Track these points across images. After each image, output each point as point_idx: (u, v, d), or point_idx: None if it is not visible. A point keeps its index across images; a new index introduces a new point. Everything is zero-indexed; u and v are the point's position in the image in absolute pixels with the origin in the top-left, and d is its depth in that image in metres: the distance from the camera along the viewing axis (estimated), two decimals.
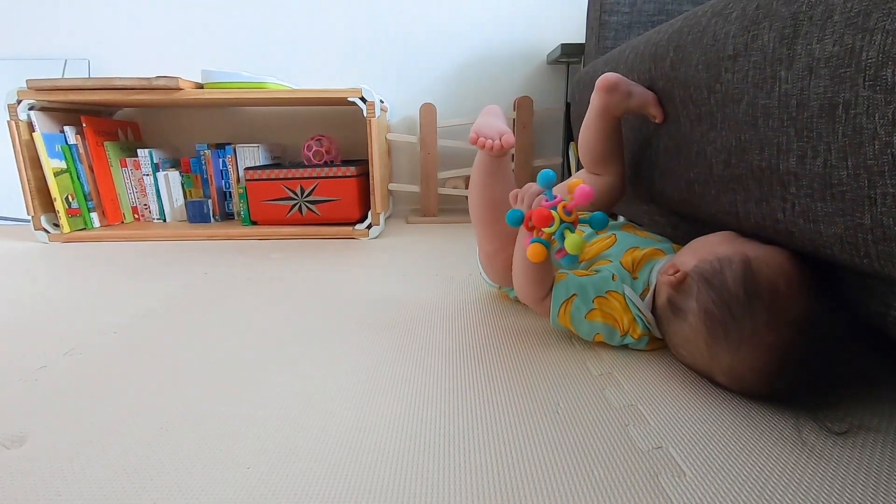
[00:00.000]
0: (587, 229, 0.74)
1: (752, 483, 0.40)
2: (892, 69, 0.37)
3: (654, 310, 0.61)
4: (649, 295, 0.61)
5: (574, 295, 0.63)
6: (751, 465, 0.42)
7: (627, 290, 0.62)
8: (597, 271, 0.66)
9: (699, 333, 0.53)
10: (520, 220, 0.58)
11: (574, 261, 0.57)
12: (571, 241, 0.54)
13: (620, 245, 0.68)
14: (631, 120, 0.83)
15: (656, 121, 0.71)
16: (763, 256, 0.51)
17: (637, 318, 0.61)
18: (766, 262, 0.50)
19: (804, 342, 0.47)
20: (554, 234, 0.55)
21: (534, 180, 0.70)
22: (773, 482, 0.40)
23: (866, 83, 0.39)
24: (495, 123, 0.70)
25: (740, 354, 0.49)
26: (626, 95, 0.71)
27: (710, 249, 0.56)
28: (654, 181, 0.80)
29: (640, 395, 0.54)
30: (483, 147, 0.67)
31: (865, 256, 0.43)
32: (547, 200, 0.57)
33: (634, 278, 0.64)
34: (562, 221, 0.55)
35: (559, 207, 0.55)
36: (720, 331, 0.51)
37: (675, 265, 0.58)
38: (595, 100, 0.74)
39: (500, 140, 0.66)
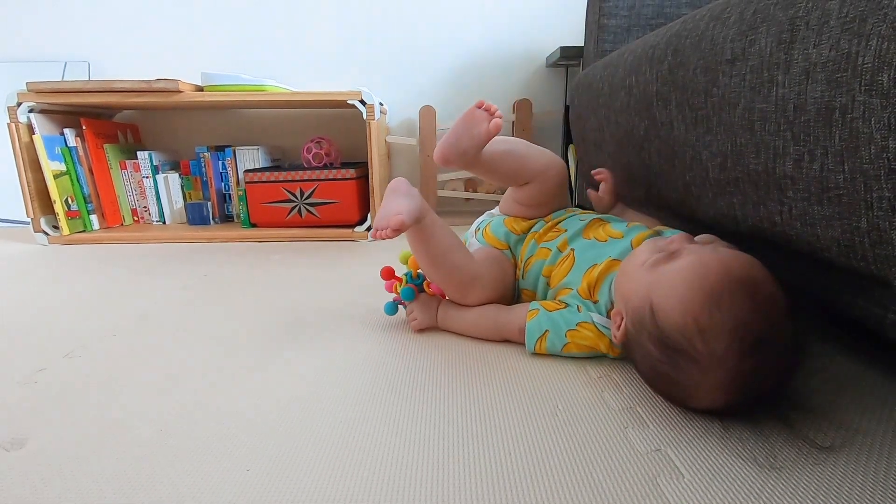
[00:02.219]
0: (553, 247, 0.71)
1: (750, 485, 0.40)
2: (888, 74, 0.37)
3: None
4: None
5: (547, 331, 0.62)
6: (749, 467, 0.42)
7: (596, 318, 0.61)
8: (563, 302, 0.65)
9: (654, 391, 0.54)
10: (410, 294, 0.73)
11: (409, 296, 0.72)
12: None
13: (577, 267, 0.66)
14: (623, 124, 0.84)
15: (495, 116, 0.65)
16: (665, 297, 0.48)
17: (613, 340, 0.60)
18: (671, 306, 0.47)
19: (755, 362, 0.44)
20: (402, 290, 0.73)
21: None
22: (772, 484, 0.40)
23: (863, 87, 0.39)
24: (391, 205, 0.64)
25: (695, 401, 0.48)
26: (461, 145, 0.66)
27: (631, 290, 0.54)
28: (650, 184, 0.80)
29: (638, 398, 0.54)
30: (378, 238, 0.64)
31: (862, 259, 0.43)
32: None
33: (595, 302, 0.62)
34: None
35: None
36: (665, 390, 0.51)
37: (619, 312, 0.56)
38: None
39: (389, 226, 0.60)
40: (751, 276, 0.47)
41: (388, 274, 0.74)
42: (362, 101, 1.35)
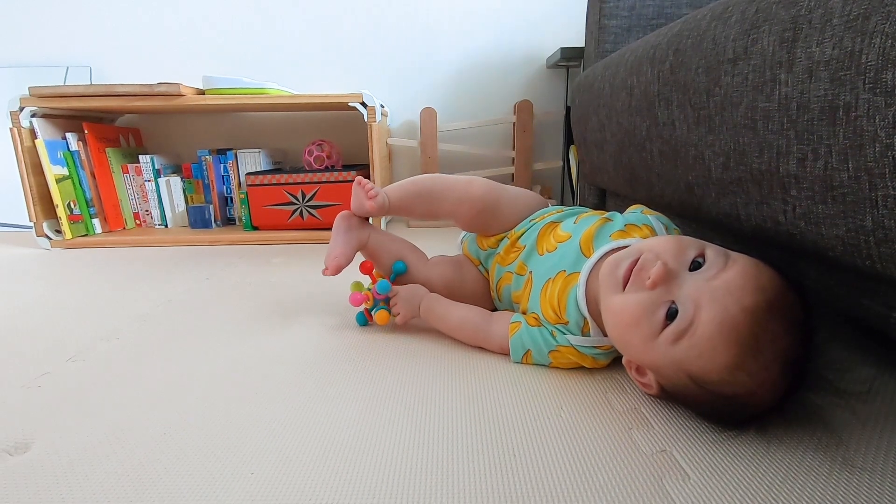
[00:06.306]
0: (513, 271, 0.70)
1: (756, 487, 0.40)
2: (891, 72, 0.37)
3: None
4: (591, 329, 0.58)
5: (529, 350, 0.61)
6: (755, 468, 0.42)
7: (573, 340, 0.59)
8: (540, 323, 0.63)
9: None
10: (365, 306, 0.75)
11: (385, 288, 0.71)
12: (378, 315, 0.72)
13: (535, 289, 0.64)
14: (625, 125, 0.84)
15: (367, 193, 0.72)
16: (703, 365, 0.45)
17: (597, 357, 0.59)
18: (712, 369, 0.45)
19: (795, 373, 0.45)
20: (371, 308, 0.74)
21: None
22: (778, 485, 0.40)
23: (866, 86, 0.39)
24: (332, 247, 0.75)
25: (738, 418, 0.48)
26: (363, 208, 0.74)
27: (653, 363, 0.50)
28: (652, 185, 0.80)
29: (643, 399, 0.53)
30: (326, 275, 0.74)
31: (867, 258, 0.43)
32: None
33: (566, 323, 0.60)
34: (376, 300, 0.73)
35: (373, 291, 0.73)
36: (711, 417, 0.49)
37: (633, 364, 0.53)
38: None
39: (330, 269, 0.73)
40: (770, 303, 0.44)
41: (367, 269, 0.79)
42: (363, 104, 1.35)
